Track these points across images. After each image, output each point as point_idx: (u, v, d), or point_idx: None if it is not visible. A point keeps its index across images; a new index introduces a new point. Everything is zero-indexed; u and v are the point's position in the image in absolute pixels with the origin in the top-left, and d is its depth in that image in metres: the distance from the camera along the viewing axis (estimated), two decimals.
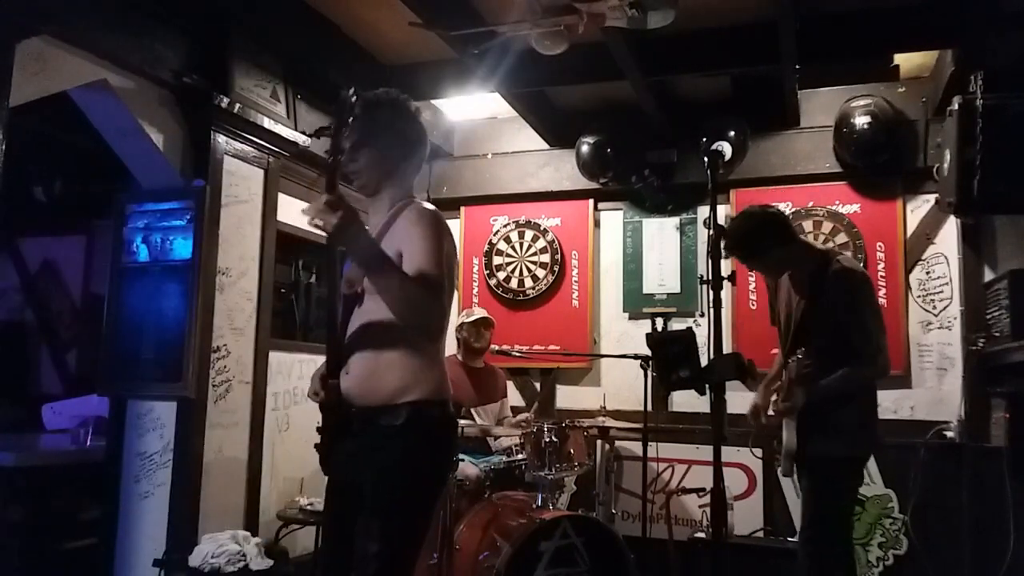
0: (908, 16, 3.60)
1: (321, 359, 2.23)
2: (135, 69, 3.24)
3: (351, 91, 1.95)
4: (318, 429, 2.18)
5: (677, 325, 4.75)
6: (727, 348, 4.06)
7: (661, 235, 4.89)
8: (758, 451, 4.03)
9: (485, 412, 4.40)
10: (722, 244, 2.84)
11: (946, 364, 4.27)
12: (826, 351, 2.84)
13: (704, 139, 4.44)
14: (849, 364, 2.80)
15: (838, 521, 2.87)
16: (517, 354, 4.50)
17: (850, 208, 4.49)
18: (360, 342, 2.08)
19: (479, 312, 4.47)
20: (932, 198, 4.30)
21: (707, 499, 3.99)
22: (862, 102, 4.27)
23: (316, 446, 2.18)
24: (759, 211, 3.00)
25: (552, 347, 4.93)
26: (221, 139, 3.57)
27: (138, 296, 3.53)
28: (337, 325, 2.12)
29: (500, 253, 5.16)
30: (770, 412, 3.06)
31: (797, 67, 3.88)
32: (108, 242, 3.73)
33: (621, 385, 4.70)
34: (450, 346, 4.69)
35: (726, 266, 2.63)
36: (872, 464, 4.25)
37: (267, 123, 3.76)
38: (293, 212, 4.07)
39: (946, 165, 3.73)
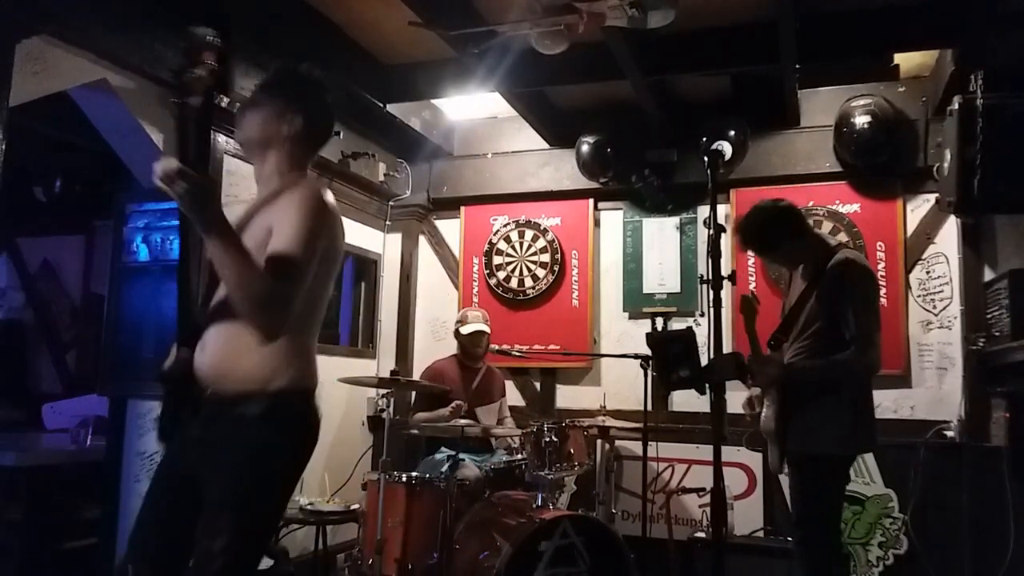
0: (908, 16, 3.60)
1: (323, 358, 2.18)
2: (135, 69, 3.24)
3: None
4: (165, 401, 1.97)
5: (677, 325, 4.75)
6: (727, 348, 4.07)
7: (661, 235, 4.89)
8: (755, 452, 4.05)
9: (485, 412, 4.41)
10: (738, 239, 2.98)
11: (946, 364, 4.27)
12: (816, 336, 2.85)
13: (704, 139, 4.47)
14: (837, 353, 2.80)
15: (823, 521, 2.84)
16: (517, 354, 4.50)
17: (850, 208, 4.49)
18: (220, 316, 1.91)
19: (473, 324, 4.43)
20: (932, 198, 4.30)
21: (707, 499, 4.00)
22: (862, 102, 4.27)
23: (158, 418, 1.96)
24: (770, 205, 3.03)
25: (552, 347, 4.93)
26: (221, 139, 3.58)
27: (138, 296, 3.53)
28: (192, 288, 1.95)
29: (500, 253, 5.16)
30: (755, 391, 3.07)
31: (797, 67, 3.88)
32: (108, 242, 3.73)
33: (621, 385, 4.70)
34: (451, 347, 4.69)
35: (726, 266, 2.63)
36: (872, 464, 4.25)
37: None
38: None
39: (946, 165, 3.73)
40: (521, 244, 5.13)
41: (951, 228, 4.31)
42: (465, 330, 4.42)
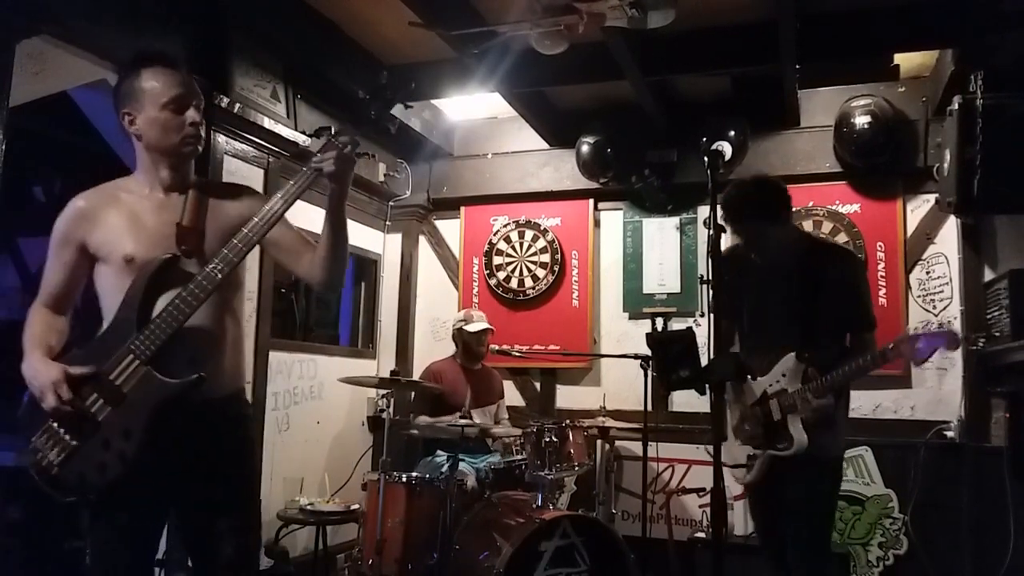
0: (908, 15, 3.61)
1: (323, 358, 2.23)
2: None
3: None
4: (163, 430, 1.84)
5: (677, 325, 4.74)
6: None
7: (661, 235, 4.89)
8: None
9: (482, 413, 4.40)
10: (729, 209, 2.70)
11: (946, 364, 4.26)
12: (827, 330, 2.71)
13: (704, 139, 4.46)
14: (855, 336, 2.70)
15: (829, 527, 2.78)
16: (517, 354, 4.50)
17: (850, 208, 4.49)
18: (215, 325, 1.96)
19: (480, 323, 4.45)
20: (932, 198, 4.30)
21: (707, 499, 4.00)
22: (862, 102, 4.27)
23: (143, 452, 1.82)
24: (771, 178, 2.96)
25: (552, 347, 4.93)
26: (221, 139, 3.57)
27: None
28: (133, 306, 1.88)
29: (500, 253, 5.16)
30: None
31: (797, 67, 3.88)
32: None
33: (621, 385, 4.70)
34: (448, 348, 4.69)
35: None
36: (872, 464, 4.25)
37: (267, 123, 3.76)
38: (292, 211, 4.07)
39: (946, 165, 3.74)
40: (521, 244, 5.13)
41: (951, 228, 4.31)
42: (472, 328, 4.42)
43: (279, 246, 2.09)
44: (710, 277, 2.44)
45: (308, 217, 2.69)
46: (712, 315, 2.45)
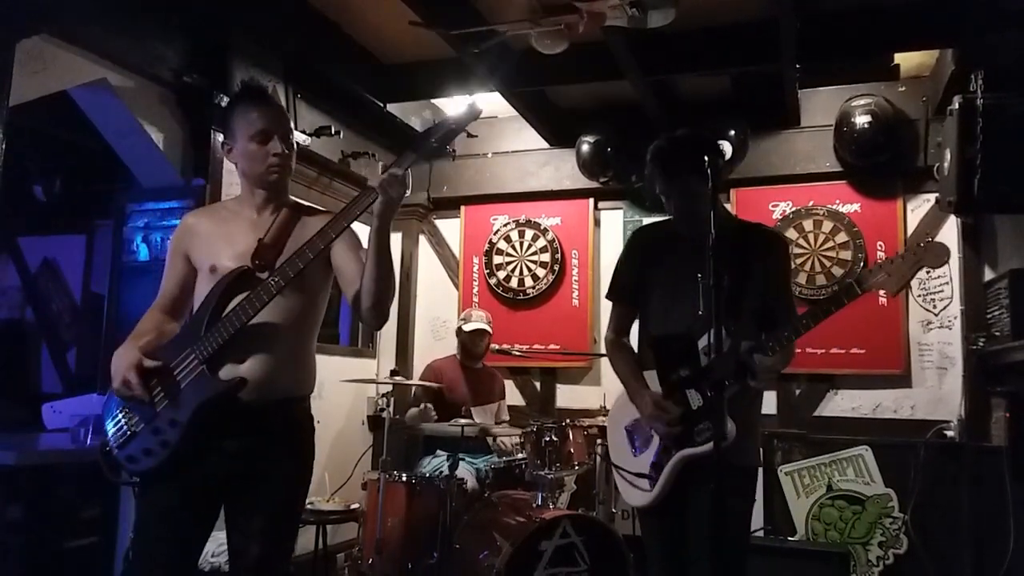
0: (909, 15, 3.61)
1: (323, 358, 2.24)
2: (135, 68, 3.24)
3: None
4: (200, 424, 1.94)
5: None
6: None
7: None
8: None
9: (483, 412, 4.40)
10: (657, 158, 2.52)
11: (946, 363, 4.27)
12: (749, 318, 2.41)
13: None
14: (778, 329, 2.27)
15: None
16: (517, 353, 4.50)
17: (850, 207, 4.49)
18: (274, 333, 2.04)
19: (476, 323, 4.45)
20: (932, 197, 4.30)
21: None
22: (862, 101, 4.27)
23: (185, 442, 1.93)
24: (705, 133, 2.62)
25: (552, 346, 4.93)
26: (221, 138, 3.57)
27: (138, 295, 3.53)
28: (212, 304, 2.01)
29: (500, 252, 5.16)
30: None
31: (797, 66, 3.88)
32: (108, 241, 3.73)
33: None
34: (451, 346, 4.69)
35: None
36: (872, 463, 4.25)
37: None
38: None
39: (946, 164, 3.73)
40: (521, 244, 5.13)
41: (951, 228, 4.31)
42: (467, 327, 4.43)
43: (339, 272, 2.17)
44: (710, 277, 2.37)
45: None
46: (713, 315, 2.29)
